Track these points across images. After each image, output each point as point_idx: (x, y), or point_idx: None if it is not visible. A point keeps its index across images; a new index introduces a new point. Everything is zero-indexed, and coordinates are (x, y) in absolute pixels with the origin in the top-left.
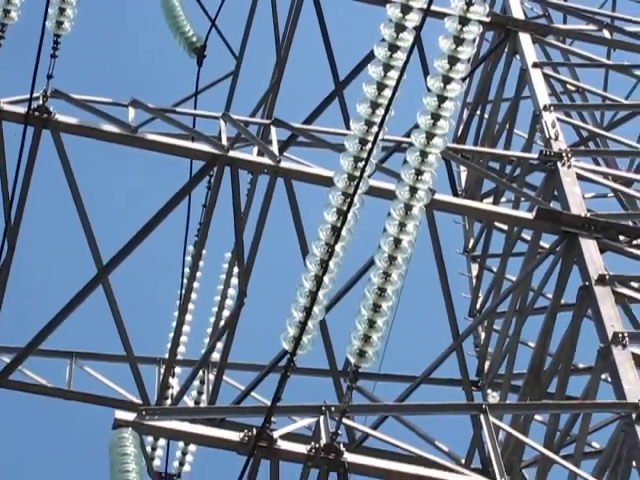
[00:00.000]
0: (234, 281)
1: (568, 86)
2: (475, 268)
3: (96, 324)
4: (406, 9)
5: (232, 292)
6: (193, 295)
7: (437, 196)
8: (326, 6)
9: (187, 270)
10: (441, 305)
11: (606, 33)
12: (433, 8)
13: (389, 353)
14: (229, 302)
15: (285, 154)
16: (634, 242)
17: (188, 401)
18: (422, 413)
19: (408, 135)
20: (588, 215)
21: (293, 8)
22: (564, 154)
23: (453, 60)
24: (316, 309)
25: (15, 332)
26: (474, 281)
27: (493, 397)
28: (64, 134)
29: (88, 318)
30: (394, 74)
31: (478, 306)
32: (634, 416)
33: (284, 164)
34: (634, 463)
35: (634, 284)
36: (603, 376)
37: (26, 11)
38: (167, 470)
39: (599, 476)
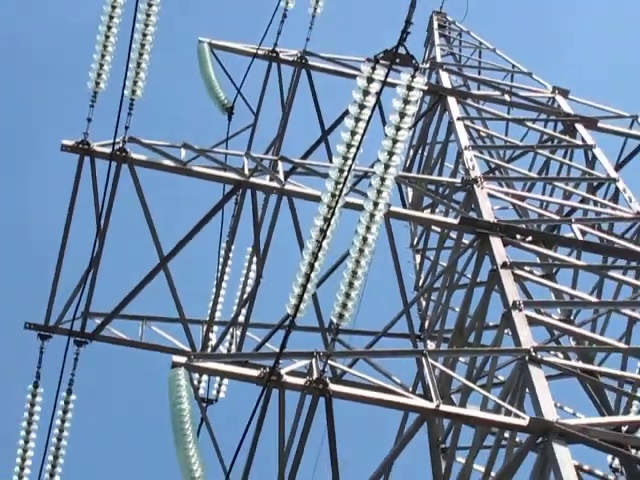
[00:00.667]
0: (253, 267)
1: (481, 133)
2: (418, 257)
3: (160, 296)
4: (370, 80)
5: (252, 275)
6: (225, 277)
7: (392, 208)
8: (317, 78)
9: (221, 259)
10: (395, 283)
11: (506, 97)
12: (389, 80)
13: (360, 315)
14: (250, 281)
15: (289, 180)
16: (526, 239)
17: (222, 349)
18: (383, 357)
19: (372, 166)
20: (495, 221)
21: (293, 80)
22: (478, 179)
23: (402, 115)
24: (310, 285)
25: (104, 302)
26: (417, 266)
27: (431, 345)
28: (137, 167)
29: (155, 292)
30: (362, 124)
31: (420, 283)
32: (527, 358)
33: (287, 187)
34: (527, 390)
35: (527, 268)
36: (506, 331)
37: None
38: (208, 396)
39: (503, 399)
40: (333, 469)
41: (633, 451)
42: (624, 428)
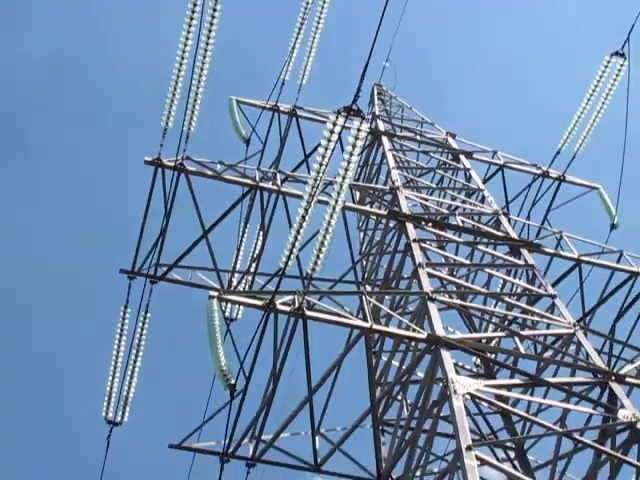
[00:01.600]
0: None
1: (401, 158)
2: (362, 235)
3: (202, 255)
4: (334, 124)
5: (259, 244)
6: (242, 246)
7: (346, 204)
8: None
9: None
10: (347, 249)
11: (417, 137)
12: (346, 125)
13: (326, 268)
14: (257, 248)
15: (284, 185)
16: (427, 225)
17: (240, 289)
18: (339, 295)
19: (334, 177)
20: (409, 213)
21: (288, 124)
22: (400, 187)
23: (354, 146)
24: (294, 250)
25: (168, 257)
26: (361, 240)
27: (368, 288)
28: (190, 176)
29: (199, 253)
30: (329, 152)
31: (363, 250)
32: (426, 297)
33: (283, 189)
34: (426, 317)
35: (428, 243)
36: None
37: None
38: (230, 316)
39: (412, 321)
40: (307, 371)
41: (488, 354)
42: (484, 340)
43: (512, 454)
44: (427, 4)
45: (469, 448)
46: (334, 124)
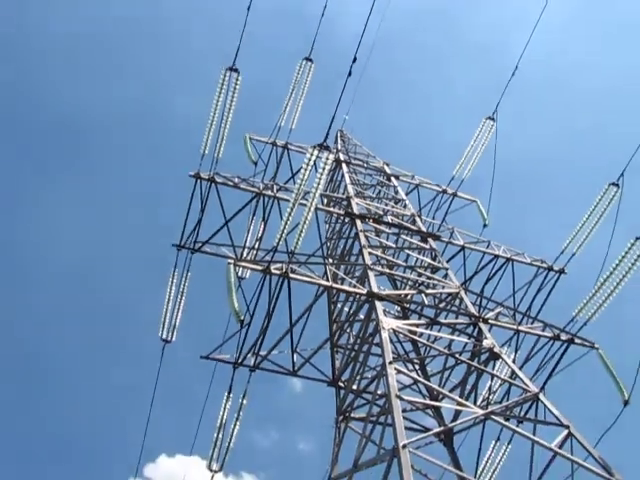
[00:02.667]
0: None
1: (354, 177)
2: (327, 226)
3: (223, 238)
4: (312, 155)
5: (260, 230)
6: (250, 233)
7: (318, 205)
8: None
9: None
10: (317, 235)
11: (365, 164)
12: (320, 155)
13: (304, 247)
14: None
15: (278, 193)
16: (370, 220)
17: (248, 258)
18: (312, 264)
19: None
20: (357, 213)
21: (281, 156)
22: (353, 196)
23: (323, 169)
24: (284, 235)
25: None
26: (327, 229)
27: (331, 261)
28: (219, 186)
29: (223, 235)
30: (307, 173)
31: (327, 235)
32: (367, 266)
33: (278, 194)
34: (367, 278)
35: (368, 234)
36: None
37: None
38: (240, 275)
39: (357, 282)
40: (289, 312)
41: (405, 304)
42: (403, 295)
43: (417, 367)
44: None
45: (391, 362)
46: (311, 154)
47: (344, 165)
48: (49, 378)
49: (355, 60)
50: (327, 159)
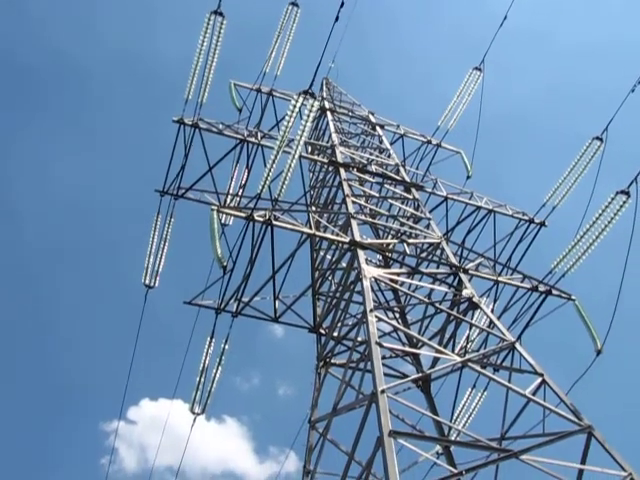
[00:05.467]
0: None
1: (339, 125)
2: (311, 174)
3: (206, 185)
4: (296, 102)
5: (244, 177)
6: (233, 180)
7: (303, 154)
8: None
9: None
10: (301, 183)
11: (350, 112)
12: (305, 103)
13: (287, 196)
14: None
15: (262, 141)
16: (354, 169)
17: (231, 205)
18: (295, 212)
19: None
20: (342, 161)
21: (267, 101)
22: (337, 145)
23: (308, 115)
24: (267, 182)
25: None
26: (311, 177)
27: (313, 208)
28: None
29: (206, 180)
30: (292, 119)
31: (311, 184)
32: (351, 216)
33: (262, 142)
34: (350, 227)
35: (352, 182)
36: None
37: None
38: (224, 222)
39: (340, 230)
40: (272, 259)
41: (387, 253)
42: (385, 244)
43: (397, 315)
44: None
45: (371, 310)
46: (296, 101)
47: (329, 113)
48: (30, 322)
49: (342, 4)
50: (312, 106)
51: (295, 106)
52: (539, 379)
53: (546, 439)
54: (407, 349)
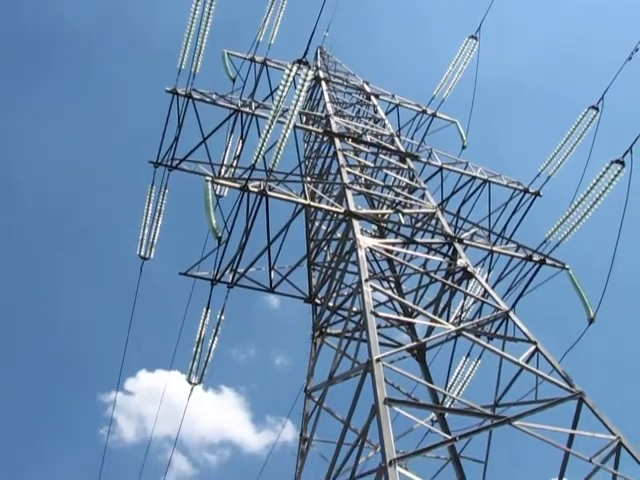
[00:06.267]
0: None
1: (334, 95)
2: (305, 144)
3: (201, 156)
4: (290, 70)
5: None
6: (227, 153)
7: (297, 124)
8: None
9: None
10: (295, 153)
11: (344, 82)
12: (299, 72)
13: (283, 166)
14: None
15: (257, 111)
16: (348, 139)
17: (226, 176)
18: (290, 182)
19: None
20: (337, 131)
21: (260, 70)
22: (331, 115)
23: (302, 84)
24: (262, 152)
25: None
26: (305, 148)
27: (308, 179)
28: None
29: (201, 151)
30: (286, 88)
31: (306, 154)
32: (345, 186)
33: (257, 112)
34: (346, 198)
35: (347, 152)
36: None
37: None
38: (218, 193)
39: (335, 201)
40: (267, 230)
41: (382, 223)
42: (380, 215)
43: (392, 285)
44: None
45: (367, 280)
46: (290, 70)
47: (323, 83)
48: (28, 295)
49: None
50: (306, 75)
51: (289, 75)
52: (532, 347)
53: (538, 405)
54: (402, 318)
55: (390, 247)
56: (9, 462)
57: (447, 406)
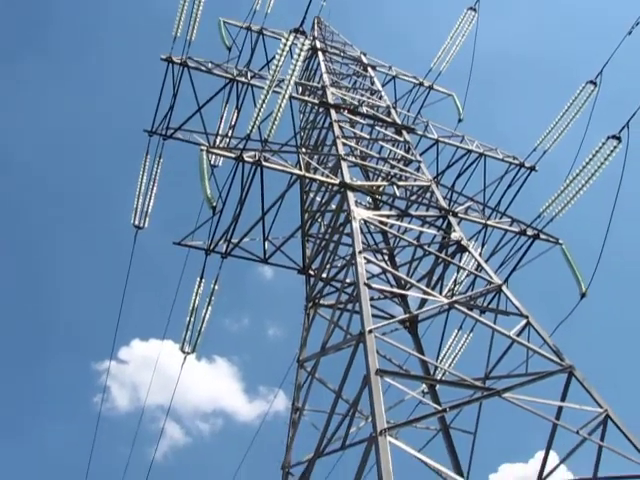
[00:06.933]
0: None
1: (330, 66)
2: (301, 115)
3: (196, 125)
4: (287, 40)
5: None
6: (222, 123)
7: (293, 94)
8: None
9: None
10: (291, 124)
11: (341, 53)
12: (295, 41)
13: (277, 137)
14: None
15: (252, 80)
16: (344, 111)
17: (221, 145)
18: (284, 152)
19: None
20: (332, 102)
21: (257, 39)
22: (327, 86)
23: (299, 54)
24: (257, 122)
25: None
26: (301, 118)
27: (303, 150)
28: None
29: (195, 121)
30: (282, 57)
31: (302, 125)
32: (340, 158)
33: (252, 82)
34: (341, 169)
35: (342, 124)
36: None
37: None
38: (213, 163)
39: (330, 172)
40: (262, 200)
41: (377, 195)
42: (375, 187)
43: (386, 258)
44: None
45: (360, 252)
46: (287, 39)
47: (320, 53)
48: (21, 263)
49: None
50: (303, 45)
51: (285, 45)
52: (524, 321)
53: (528, 378)
54: (395, 290)
55: (384, 219)
56: (3, 430)
57: (438, 378)
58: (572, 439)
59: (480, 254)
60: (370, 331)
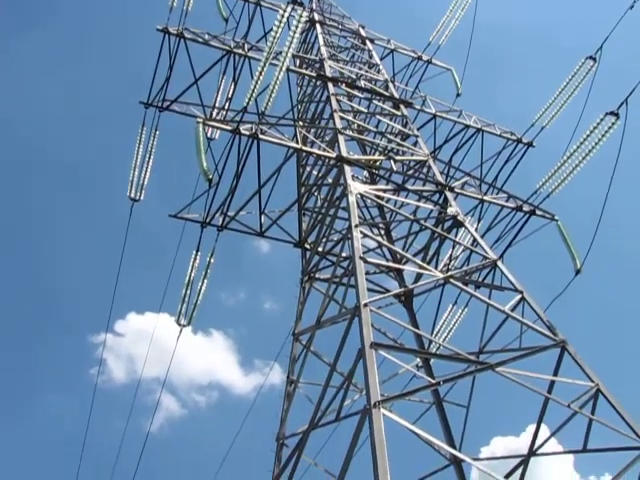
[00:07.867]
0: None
1: (329, 40)
2: (298, 89)
3: (192, 97)
4: (285, 11)
5: (231, 91)
6: (219, 95)
7: (290, 67)
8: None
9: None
10: (288, 99)
11: (339, 26)
12: (292, 14)
13: (274, 110)
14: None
15: (249, 53)
16: (342, 84)
17: (218, 118)
18: (280, 126)
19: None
20: (330, 75)
21: (253, 12)
22: (326, 59)
23: (297, 26)
24: (254, 95)
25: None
26: (298, 91)
27: (301, 124)
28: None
29: (191, 93)
30: (280, 30)
31: (299, 98)
32: (337, 142)
33: (250, 54)
34: (338, 143)
35: (340, 97)
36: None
37: None
38: (210, 136)
39: (327, 146)
40: (258, 172)
41: (374, 170)
42: (372, 161)
43: (382, 232)
44: None
45: (356, 226)
46: (284, 10)
47: (318, 26)
48: (17, 236)
49: None
50: (301, 17)
51: (283, 16)
52: (518, 296)
53: (522, 353)
54: (391, 265)
55: (381, 194)
56: (1, 402)
57: (433, 352)
58: (563, 413)
59: (476, 229)
60: (365, 305)
